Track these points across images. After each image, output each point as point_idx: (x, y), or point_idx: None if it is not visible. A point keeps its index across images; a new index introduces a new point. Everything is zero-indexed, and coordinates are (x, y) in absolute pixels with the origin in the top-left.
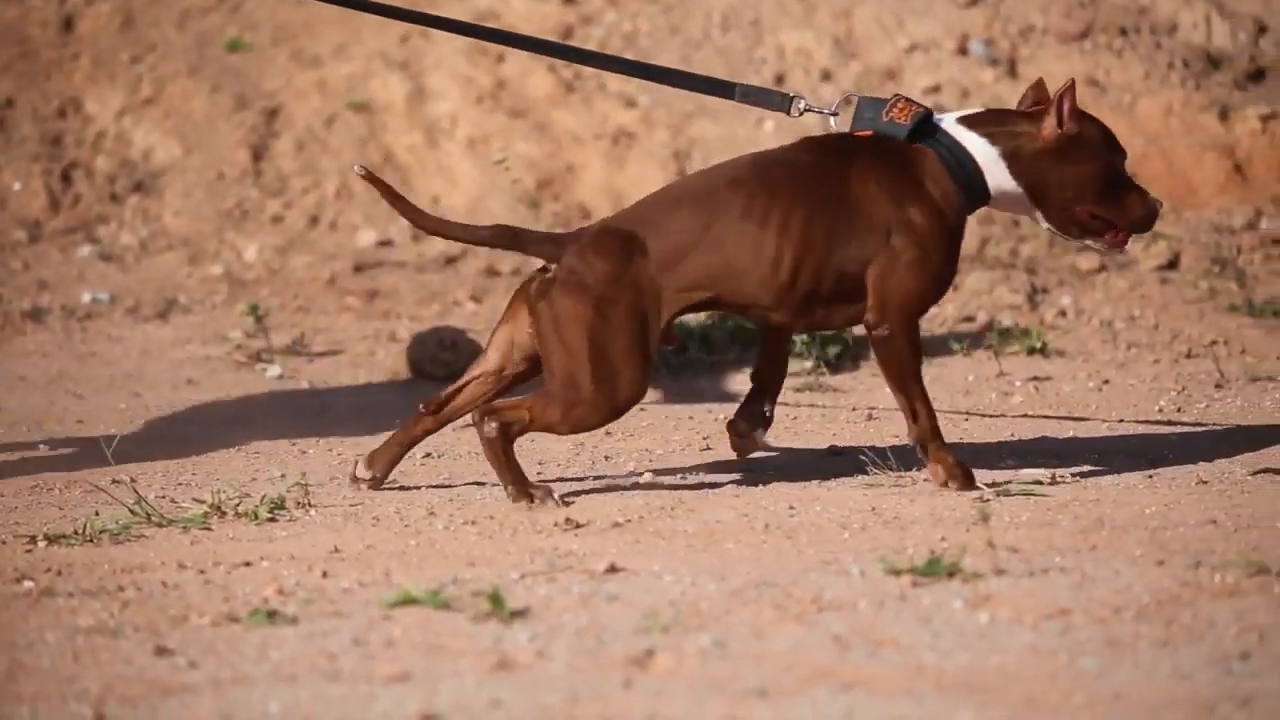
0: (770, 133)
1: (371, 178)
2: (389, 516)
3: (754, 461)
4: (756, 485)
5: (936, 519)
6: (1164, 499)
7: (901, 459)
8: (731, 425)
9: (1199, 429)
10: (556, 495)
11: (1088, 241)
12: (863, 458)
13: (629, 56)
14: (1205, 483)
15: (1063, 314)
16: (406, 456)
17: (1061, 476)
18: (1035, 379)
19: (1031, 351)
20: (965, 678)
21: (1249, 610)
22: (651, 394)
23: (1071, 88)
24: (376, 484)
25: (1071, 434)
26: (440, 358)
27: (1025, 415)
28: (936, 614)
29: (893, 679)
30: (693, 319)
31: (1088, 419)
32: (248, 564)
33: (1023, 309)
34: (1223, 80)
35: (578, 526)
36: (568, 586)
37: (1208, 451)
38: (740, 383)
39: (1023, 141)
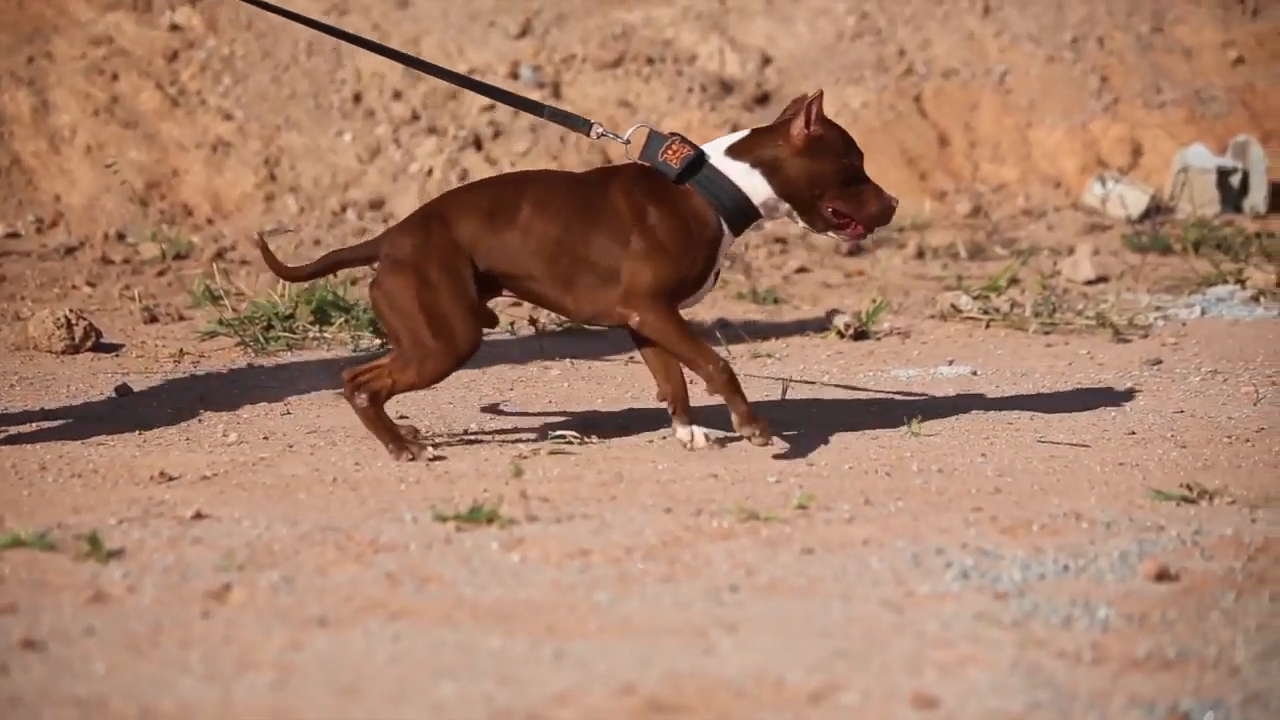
0: (348, 143)
1: (262, 246)
2: (4, 470)
3: (326, 425)
4: (330, 444)
5: (481, 473)
6: (673, 457)
7: (450, 423)
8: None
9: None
10: (430, 447)
11: (832, 234)
12: (425, 422)
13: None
14: (720, 443)
15: None
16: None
17: (589, 438)
18: (573, 356)
19: (569, 331)
20: (497, 608)
21: (739, 550)
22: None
23: (819, 96)
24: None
25: (599, 404)
26: (57, 334)
27: (566, 385)
28: (476, 555)
29: (435, 610)
30: None
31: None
32: None
33: None
34: (734, 103)
35: (170, 479)
36: (158, 531)
37: (708, 416)
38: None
39: (777, 151)
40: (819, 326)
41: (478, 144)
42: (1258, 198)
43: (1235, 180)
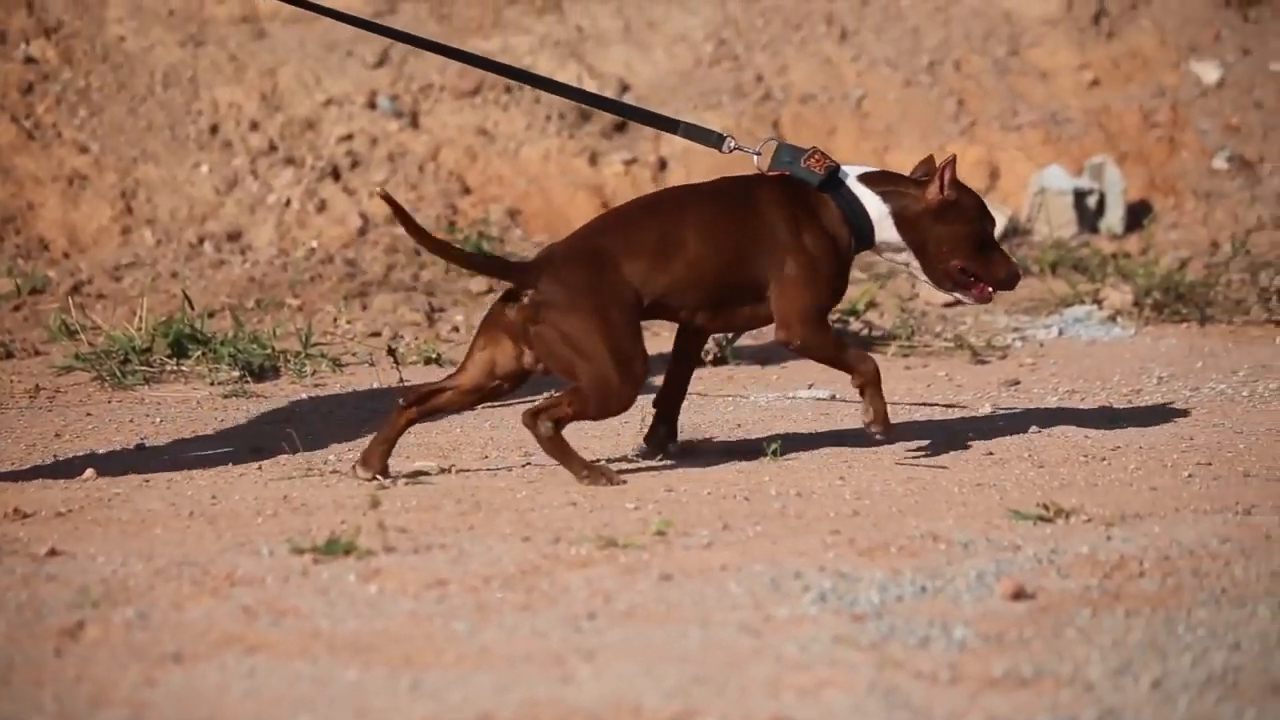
0: (205, 175)
1: (389, 200)
2: None
3: (182, 458)
4: (186, 478)
5: (339, 505)
6: (533, 484)
7: (309, 454)
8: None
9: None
10: (614, 474)
11: (956, 294)
12: (282, 454)
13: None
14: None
15: (456, 329)
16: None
17: (448, 468)
18: None
19: (428, 361)
20: (354, 640)
21: (598, 578)
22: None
23: (953, 162)
24: (378, 478)
25: (459, 433)
26: None
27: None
28: (333, 587)
29: (292, 643)
30: None
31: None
32: None
33: (422, 325)
34: (592, 131)
35: (25, 516)
36: (11, 568)
37: (580, 436)
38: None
39: (909, 202)
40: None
41: (336, 174)
42: (1114, 219)
43: (1092, 201)
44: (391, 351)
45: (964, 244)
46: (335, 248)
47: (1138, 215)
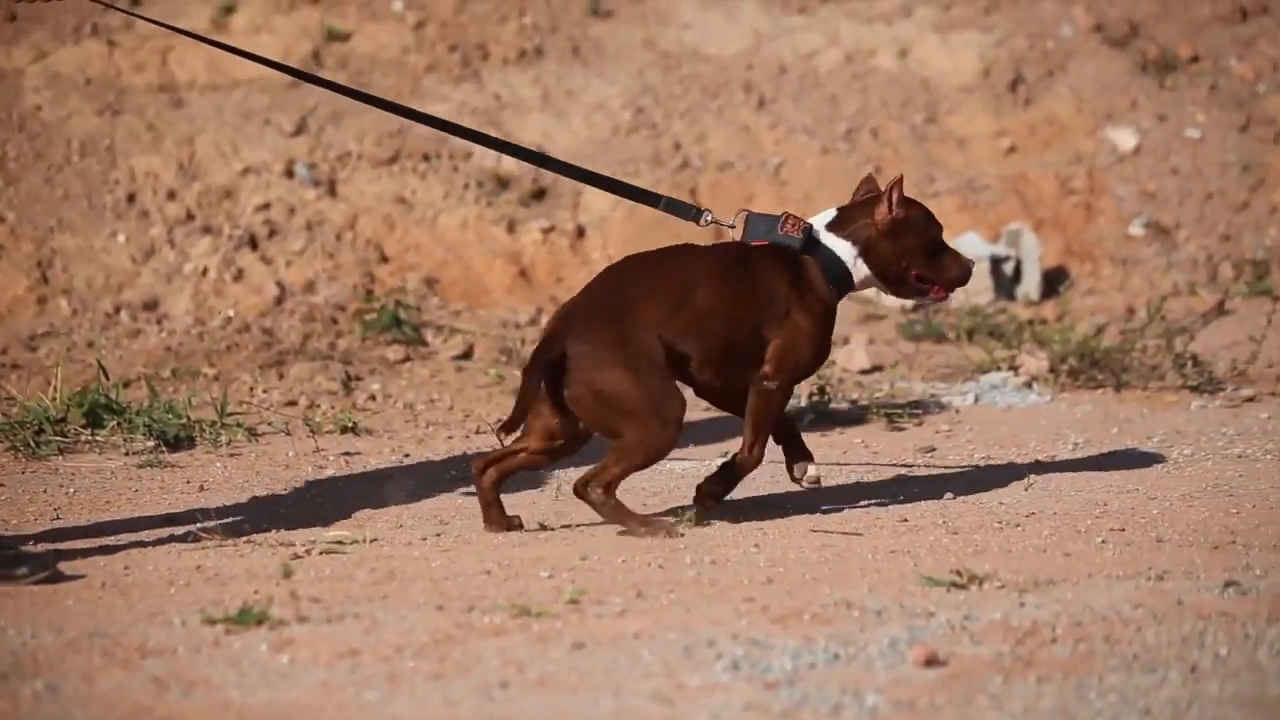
0: (122, 244)
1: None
2: None
3: (94, 528)
4: (99, 549)
5: (252, 574)
6: (447, 553)
7: (224, 522)
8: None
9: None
10: (671, 524)
11: (916, 300)
12: (196, 526)
13: None
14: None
15: (373, 398)
16: None
17: (363, 537)
18: (347, 454)
19: (345, 430)
20: (264, 711)
21: (511, 646)
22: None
23: (900, 181)
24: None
25: (374, 502)
26: None
27: (336, 480)
28: (245, 657)
29: (203, 714)
30: None
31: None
32: None
33: (339, 394)
34: (510, 198)
35: None
36: None
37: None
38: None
39: (868, 232)
40: None
41: (253, 243)
42: (1030, 285)
43: (1008, 268)
44: (308, 420)
45: (918, 254)
46: (252, 316)
47: (1054, 282)
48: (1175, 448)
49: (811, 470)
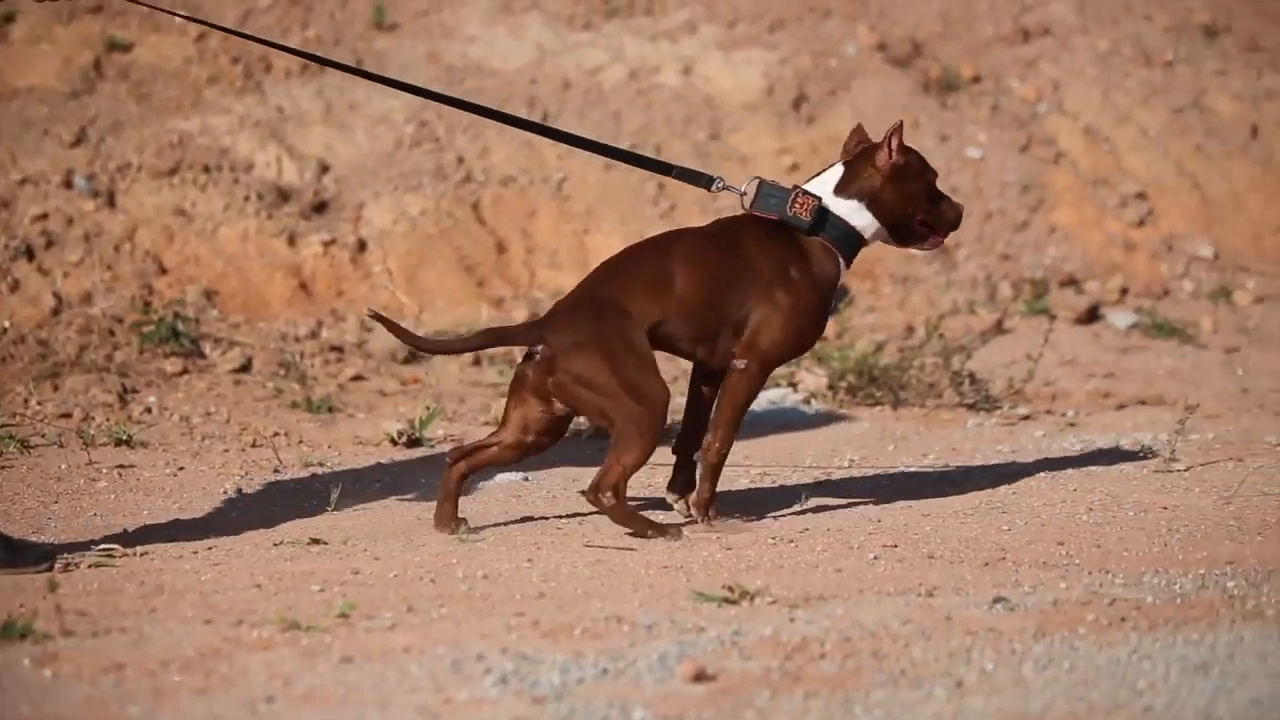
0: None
1: (379, 318)
2: None
3: None
4: None
5: (17, 588)
6: (217, 566)
7: None
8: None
9: (262, 504)
10: (678, 528)
11: (919, 248)
12: None
13: None
14: (278, 545)
15: (149, 410)
16: None
17: (133, 550)
18: (120, 466)
19: (119, 443)
20: None
21: (278, 660)
22: None
23: (900, 127)
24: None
25: (146, 515)
26: None
27: (114, 496)
28: (6, 672)
29: None
30: None
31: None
32: None
33: (114, 406)
34: (291, 211)
35: None
36: None
37: (270, 518)
38: None
39: (873, 181)
40: (373, 435)
41: (30, 254)
42: None
43: None
44: (81, 434)
45: (921, 198)
46: (28, 328)
47: None
48: (951, 465)
49: (681, 506)
